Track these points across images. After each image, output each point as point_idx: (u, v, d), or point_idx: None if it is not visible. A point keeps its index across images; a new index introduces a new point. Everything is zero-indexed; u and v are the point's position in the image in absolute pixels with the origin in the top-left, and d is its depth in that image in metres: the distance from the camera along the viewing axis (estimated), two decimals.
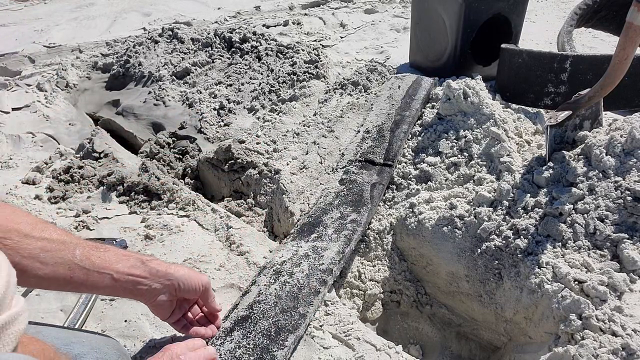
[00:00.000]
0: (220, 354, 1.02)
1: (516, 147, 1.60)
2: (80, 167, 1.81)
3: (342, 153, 1.79)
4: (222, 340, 1.05)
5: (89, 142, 1.94)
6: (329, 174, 1.74)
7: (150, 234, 1.49)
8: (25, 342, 0.59)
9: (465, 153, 1.60)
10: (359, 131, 1.87)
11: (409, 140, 1.77)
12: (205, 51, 2.82)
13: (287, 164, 1.83)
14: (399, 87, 2.05)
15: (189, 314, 1.03)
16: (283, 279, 1.20)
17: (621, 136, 1.30)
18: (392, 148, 1.70)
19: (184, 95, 2.46)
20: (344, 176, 1.62)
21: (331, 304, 1.21)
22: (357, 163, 1.68)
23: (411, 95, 1.97)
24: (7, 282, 0.54)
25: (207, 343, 1.04)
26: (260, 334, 1.06)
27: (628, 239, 1.16)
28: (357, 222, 1.40)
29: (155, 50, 2.90)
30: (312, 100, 2.25)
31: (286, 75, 2.43)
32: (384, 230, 1.49)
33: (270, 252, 1.42)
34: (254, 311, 1.12)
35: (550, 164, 1.37)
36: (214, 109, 2.31)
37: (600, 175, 1.27)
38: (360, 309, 1.38)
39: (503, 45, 1.98)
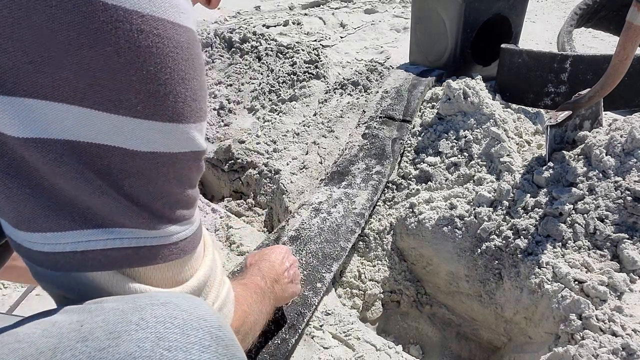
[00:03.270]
0: None
1: (516, 147, 1.60)
2: None
3: (364, 110, 1.99)
4: None
5: None
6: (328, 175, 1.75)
7: None
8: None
9: (465, 153, 1.60)
10: (377, 92, 2.06)
11: (410, 139, 1.77)
12: (205, 51, 2.81)
13: (287, 164, 1.83)
14: (412, 64, 2.30)
15: None
16: (322, 216, 1.39)
17: (621, 136, 1.30)
18: (410, 105, 1.88)
19: None
20: (366, 131, 1.80)
21: (331, 303, 1.21)
22: (378, 119, 1.85)
23: (425, 71, 2.22)
24: (212, 260, 0.60)
25: None
26: (311, 255, 1.24)
27: (628, 239, 1.16)
28: (382, 174, 1.57)
29: None
30: (312, 100, 2.24)
31: (286, 75, 2.43)
32: (384, 230, 1.49)
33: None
34: (302, 235, 1.31)
35: (550, 164, 1.37)
36: (214, 109, 2.31)
37: (600, 175, 1.27)
38: (360, 309, 1.38)
39: (503, 45, 1.98)
